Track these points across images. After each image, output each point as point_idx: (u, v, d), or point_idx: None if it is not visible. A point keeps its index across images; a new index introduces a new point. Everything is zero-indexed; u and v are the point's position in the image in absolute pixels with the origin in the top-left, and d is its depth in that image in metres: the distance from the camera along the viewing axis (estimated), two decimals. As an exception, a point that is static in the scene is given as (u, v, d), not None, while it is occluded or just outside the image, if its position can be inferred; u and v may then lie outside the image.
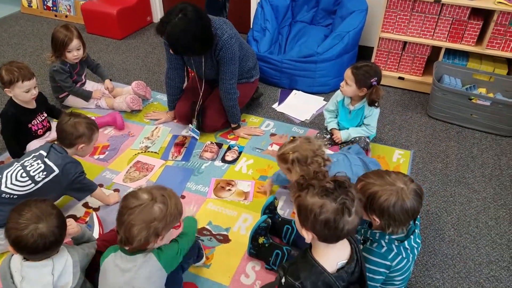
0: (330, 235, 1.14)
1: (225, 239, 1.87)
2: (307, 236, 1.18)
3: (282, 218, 1.84)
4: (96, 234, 1.78)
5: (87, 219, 1.91)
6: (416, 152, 2.46)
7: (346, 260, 1.20)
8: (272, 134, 2.57)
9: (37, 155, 1.78)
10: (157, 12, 4.17)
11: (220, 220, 1.97)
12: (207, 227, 1.93)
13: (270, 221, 1.75)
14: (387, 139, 2.57)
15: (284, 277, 1.22)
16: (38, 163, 1.74)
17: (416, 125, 2.71)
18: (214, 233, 1.90)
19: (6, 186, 1.70)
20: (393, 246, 1.36)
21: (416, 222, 1.43)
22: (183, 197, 2.09)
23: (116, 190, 2.13)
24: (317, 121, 2.72)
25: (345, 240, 1.22)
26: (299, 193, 1.17)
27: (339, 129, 2.36)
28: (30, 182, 1.72)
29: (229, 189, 2.13)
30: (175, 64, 2.42)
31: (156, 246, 1.36)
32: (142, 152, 2.40)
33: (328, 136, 2.37)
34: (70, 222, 1.48)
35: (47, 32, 2.58)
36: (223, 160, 2.35)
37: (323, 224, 1.11)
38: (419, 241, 1.44)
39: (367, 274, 1.34)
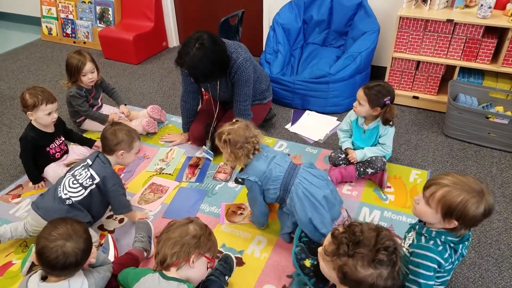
0: None
1: (239, 262, 1.84)
2: None
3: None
4: (111, 257, 1.78)
5: (103, 241, 1.92)
6: (434, 172, 2.41)
7: None
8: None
9: (84, 164, 1.90)
10: (173, 37, 4.28)
11: (234, 242, 1.95)
12: (221, 249, 1.91)
13: (303, 244, 1.68)
14: (403, 159, 2.53)
15: None
16: (85, 172, 1.87)
17: (433, 144, 2.67)
18: (228, 255, 1.88)
19: (64, 193, 1.84)
20: (447, 246, 1.36)
21: (470, 232, 1.41)
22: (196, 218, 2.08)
23: (131, 212, 2.14)
24: (330, 141, 2.70)
25: None
26: (344, 261, 1.13)
27: (354, 149, 2.34)
28: (80, 188, 1.85)
29: (241, 213, 2.12)
30: (190, 87, 2.47)
31: (188, 274, 1.40)
32: (157, 174, 2.42)
33: (343, 156, 2.35)
34: (93, 251, 1.50)
35: (66, 58, 2.67)
36: (237, 181, 2.34)
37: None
38: (465, 252, 1.42)
39: (420, 271, 1.35)
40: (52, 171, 2.29)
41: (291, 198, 1.76)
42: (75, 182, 1.86)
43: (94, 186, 1.86)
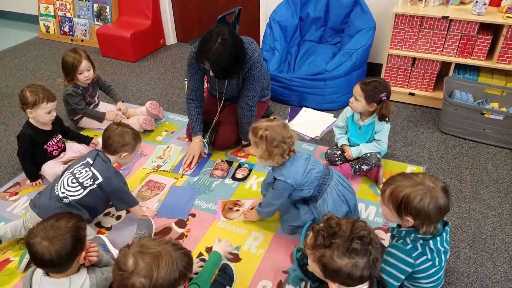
0: (360, 283, 1.17)
1: (235, 258, 1.86)
2: (334, 286, 1.20)
3: None
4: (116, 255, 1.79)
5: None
6: (429, 168, 2.42)
7: (367, 286, 1.22)
8: (283, 152, 2.57)
9: (85, 162, 1.89)
10: (170, 35, 4.28)
11: (230, 238, 1.96)
12: (218, 245, 1.93)
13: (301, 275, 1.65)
14: (399, 155, 2.54)
15: None
16: (86, 171, 1.87)
17: (428, 140, 2.68)
18: (224, 251, 1.89)
19: (61, 192, 1.85)
20: (418, 244, 1.39)
21: (446, 227, 1.44)
22: (193, 215, 2.10)
23: (128, 211, 2.15)
24: (327, 137, 2.72)
25: None
26: (322, 252, 1.16)
27: (350, 145, 2.35)
28: (79, 187, 1.85)
29: (237, 210, 2.13)
30: (198, 85, 2.41)
31: None
32: (154, 171, 2.43)
33: (339, 153, 2.37)
34: (94, 249, 1.51)
35: (62, 56, 2.67)
36: (234, 178, 2.35)
37: (358, 279, 1.14)
38: (447, 247, 1.43)
39: (389, 269, 1.41)
40: (50, 168, 2.29)
41: (325, 199, 1.79)
42: (74, 181, 1.86)
43: (95, 186, 1.86)
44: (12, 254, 1.91)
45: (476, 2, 2.60)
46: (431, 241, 1.38)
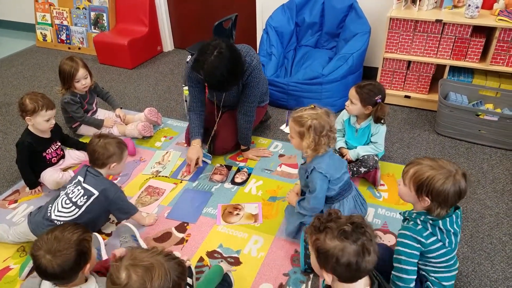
0: (351, 276, 1.17)
1: (236, 262, 1.87)
2: (328, 277, 1.20)
3: None
4: (104, 256, 1.79)
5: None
6: (426, 170, 2.45)
7: (369, 286, 1.22)
8: (281, 155, 2.60)
9: (76, 181, 1.89)
10: (167, 42, 4.31)
11: (230, 242, 1.97)
12: (218, 249, 1.94)
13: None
14: (396, 157, 2.57)
15: None
16: (78, 189, 1.86)
17: (425, 142, 2.71)
18: (225, 255, 1.90)
19: (55, 214, 1.85)
20: (428, 225, 1.44)
21: (457, 211, 1.48)
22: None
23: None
24: (325, 141, 2.74)
25: None
26: (317, 236, 1.18)
27: (347, 148, 2.38)
28: (74, 207, 1.85)
29: (237, 214, 2.15)
30: (199, 96, 2.43)
31: None
32: (153, 176, 2.44)
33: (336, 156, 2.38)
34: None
35: (59, 65, 2.69)
36: (233, 182, 2.37)
37: (345, 266, 1.14)
38: (458, 229, 1.47)
39: (403, 249, 1.46)
40: (49, 176, 2.30)
41: (342, 204, 1.81)
42: (68, 202, 1.86)
43: (91, 201, 1.85)
44: (12, 261, 1.91)
45: (469, 5, 2.65)
46: (440, 222, 1.43)
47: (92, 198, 1.85)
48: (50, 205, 1.89)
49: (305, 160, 1.89)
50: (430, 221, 1.44)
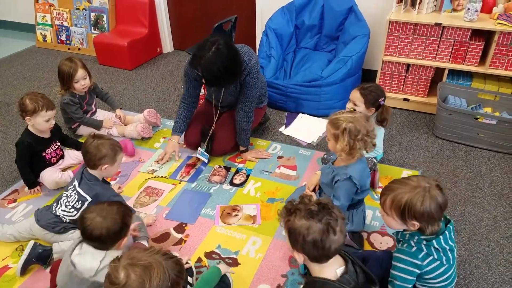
0: (319, 255, 1.22)
1: (234, 263, 1.87)
2: (299, 258, 1.25)
3: None
4: None
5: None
6: (424, 172, 2.46)
7: (343, 266, 1.27)
8: (280, 157, 2.60)
9: (73, 186, 1.91)
10: (167, 43, 4.32)
11: (229, 243, 1.98)
12: (216, 250, 1.94)
13: None
14: (395, 159, 2.58)
15: None
16: (74, 194, 1.89)
17: (423, 145, 2.72)
18: (223, 256, 1.91)
19: (59, 211, 1.92)
20: (423, 246, 1.41)
21: (449, 225, 1.46)
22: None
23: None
24: (323, 143, 2.74)
25: None
26: (288, 217, 1.25)
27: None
28: (73, 210, 1.89)
29: (236, 215, 2.15)
30: (193, 92, 2.45)
31: None
32: (149, 173, 2.45)
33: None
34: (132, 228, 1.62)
35: (58, 66, 2.70)
36: (231, 183, 2.37)
37: (312, 244, 1.19)
38: (453, 244, 1.45)
39: (399, 274, 1.44)
40: (48, 175, 2.30)
41: (352, 214, 1.83)
42: (68, 203, 1.90)
43: (85, 206, 1.86)
44: (11, 260, 1.91)
45: (468, 9, 2.66)
46: (434, 241, 1.40)
47: (86, 203, 1.86)
48: (55, 203, 1.94)
49: (333, 161, 1.87)
50: (425, 242, 1.41)
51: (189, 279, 1.62)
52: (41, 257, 1.82)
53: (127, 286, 1.11)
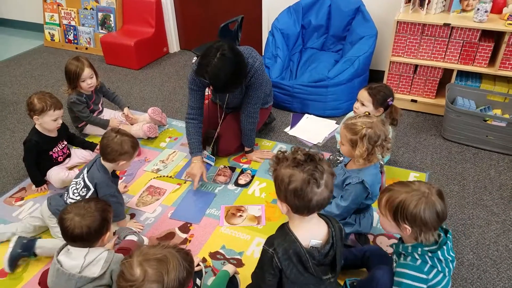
0: (300, 205, 1.21)
1: (238, 263, 1.86)
2: (282, 207, 1.26)
3: None
4: None
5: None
6: (432, 175, 2.43)
7: (321, 241, 1.26)
8: (285, 158, 2.58)
9: (82, 174, 1.94)
10: (173, 43, 4.32)
11: (233, 244, 1.97)
12: (221, 251, 1.93)
13: None
14: (402, 161, 2.55)
15: (262, 247, 1.32)
16: (81, 181, 1.92)
17: (431, 147, 2.68)
18: (227, 257, 1.90)
19: (69, 199, 1.93)
20: (427, 258, 1.36)
21: (448, 235, 1.41)
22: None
23: (132, 215, 2.16)
24: (329, 144, 2.73)
25: (321, 221, 1.30)
26: (275, 166, 1.25)
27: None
28: (79, 197, 1.91)
29: (241, 215, 2.14)
30: (199, 103, 2.39)
31: None
32: (153, 172, 2.45)
33: (342, 159, 2.37)
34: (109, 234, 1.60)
35: (65, 65, 2.71)
36: (236, 183, 2.37)
37: (293, 193, 1.18)
38: (453, 255, 1.40)
39: None
40: (55, 174, 2.31)
41: (359, 217, 1.81)
42: (75, 191, 1.92)
43: (90, 194, 1.89)
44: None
45: (478, 9, 2.62)
46: (439, 252, 1.35)
47: (90, 192, 1.90)
48: (66, 192, 1.96)
49: (346, 162, 1.84)
50: (429, 253, 1.35)
51: (198, 281, 1.61)
52: (26, 247, 1.83)
53: (145, 281, 1.12)
